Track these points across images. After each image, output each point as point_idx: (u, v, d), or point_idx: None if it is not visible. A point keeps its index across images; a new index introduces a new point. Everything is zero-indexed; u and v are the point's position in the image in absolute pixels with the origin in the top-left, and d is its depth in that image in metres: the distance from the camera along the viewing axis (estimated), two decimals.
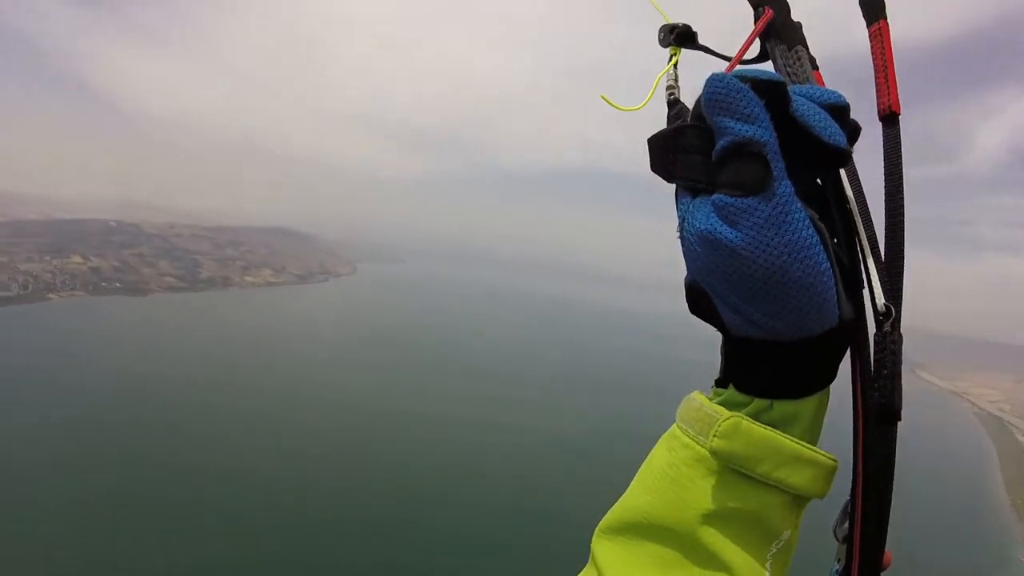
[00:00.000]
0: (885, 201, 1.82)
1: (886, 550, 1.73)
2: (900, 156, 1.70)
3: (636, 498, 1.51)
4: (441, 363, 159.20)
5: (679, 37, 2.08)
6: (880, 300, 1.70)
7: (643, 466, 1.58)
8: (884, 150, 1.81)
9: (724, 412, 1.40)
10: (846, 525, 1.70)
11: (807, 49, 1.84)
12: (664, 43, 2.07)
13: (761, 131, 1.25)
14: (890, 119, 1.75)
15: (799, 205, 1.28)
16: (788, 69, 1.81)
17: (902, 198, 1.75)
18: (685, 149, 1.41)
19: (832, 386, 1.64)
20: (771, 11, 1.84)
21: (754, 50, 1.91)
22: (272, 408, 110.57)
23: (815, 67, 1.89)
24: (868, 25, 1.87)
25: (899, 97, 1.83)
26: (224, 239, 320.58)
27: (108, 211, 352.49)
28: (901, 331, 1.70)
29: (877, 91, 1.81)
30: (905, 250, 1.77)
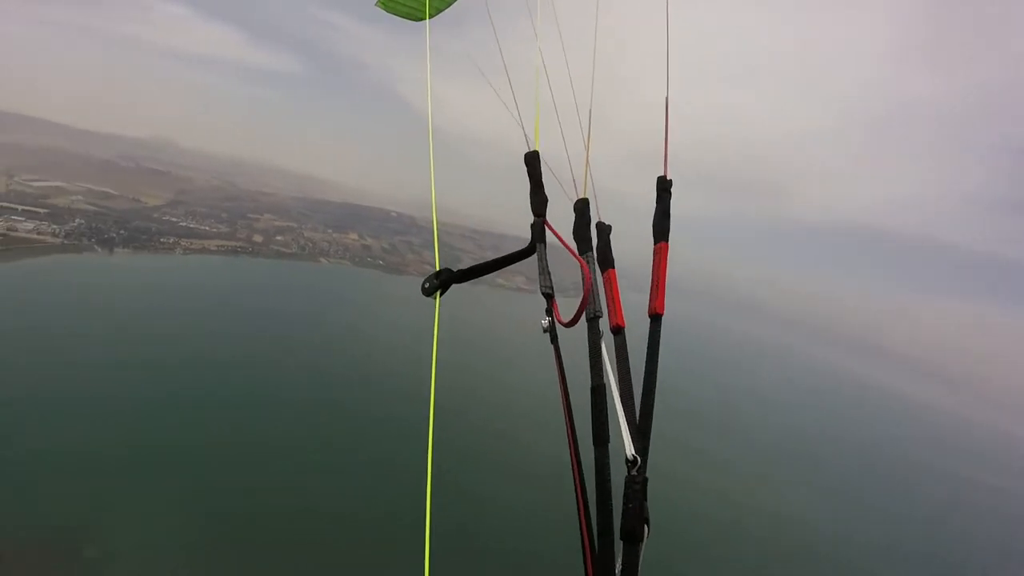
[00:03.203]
0: (645, 372, 3.45)
1: None
2: (659, 343, 3.51)
3: None
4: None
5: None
6: (630, 452, 3.04)
7: None
8: (649, 338, 3.61)
9: None
10: None
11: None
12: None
13: None
14: (655, 318, 3.61)
15: None
16: None
17: (656, 371, 3.39)
18: None
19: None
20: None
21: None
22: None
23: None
24: (655, 242, 3.93)
25: (664, 303, 3.65)
26: (488, 243, 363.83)
27: (394, 204, 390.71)
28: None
29: (652, 294, 3.67)
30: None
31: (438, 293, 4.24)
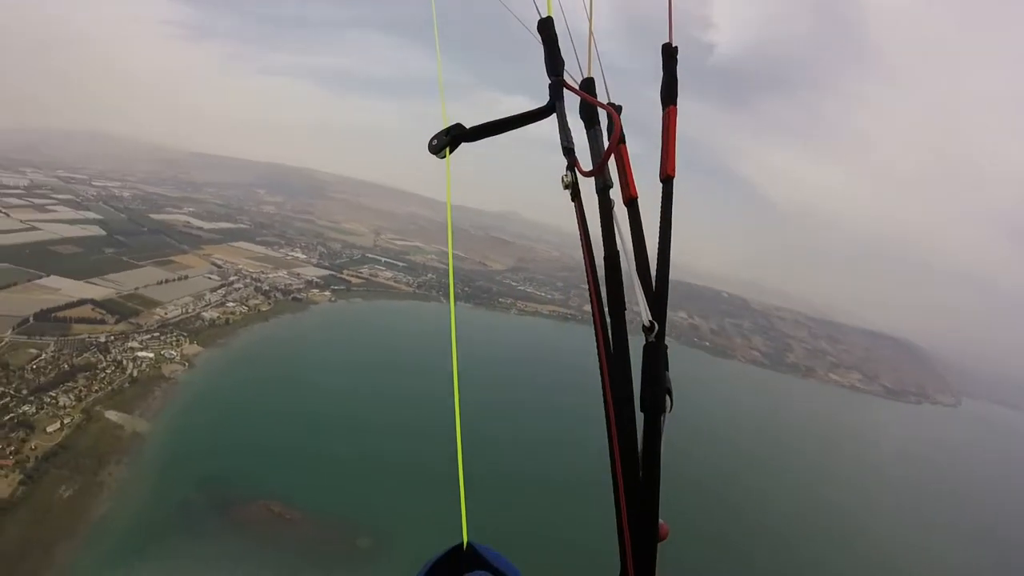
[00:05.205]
0: (659, 239, 3.40)
1: (662, 523, 2.75)
2: (671, 209, 3.41)
3: None
4: None
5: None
6: (647, 318, 3.04)
7: None
8: (661, 203, 3.48)
9: None
10: None
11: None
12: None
13: None
14: (667, 181, 3.49)
15: None
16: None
17: (670, 238, 3.35)
18: None
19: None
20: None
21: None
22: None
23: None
24: (663, 108, 3.69)
25: (675, 164, 3.51)
26: (823, 332, 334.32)
27: (727, 285, 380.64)
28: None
29: (662, 158, 3.55)
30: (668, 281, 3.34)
31: (447, 150, 3.95)
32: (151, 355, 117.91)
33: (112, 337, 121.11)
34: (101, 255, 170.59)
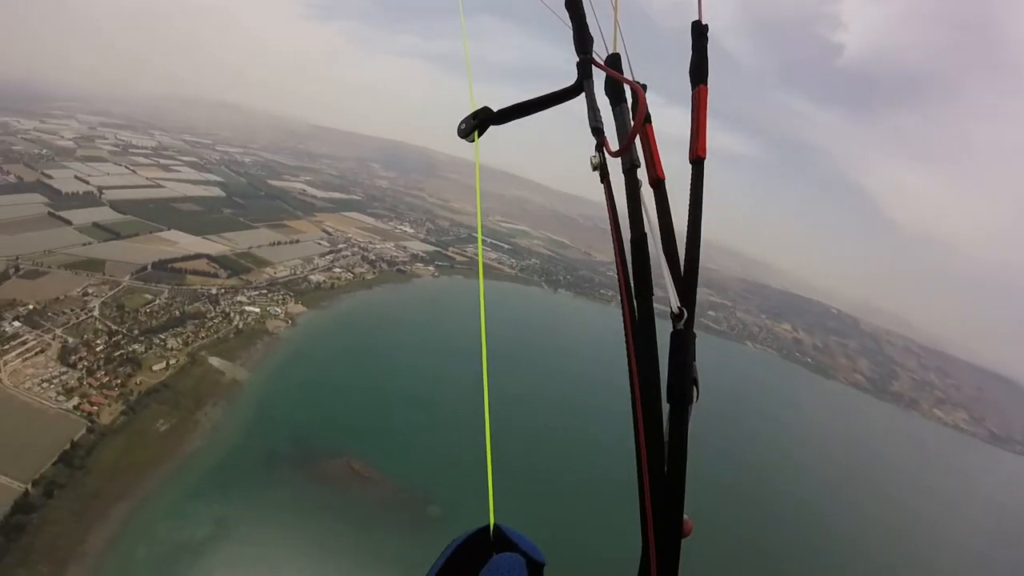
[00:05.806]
0: (688, 223, 3.14)
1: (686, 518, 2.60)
2: (702, 191, 3.18)
3: None
4: None
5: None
6: (675, 304, 2.91)
7: None
8: (691, 185, 3.24)
9: None
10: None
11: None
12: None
13: None
14: (698, 162, 3.29)
15: None
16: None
17: (700, 222, 3.11)
18: None
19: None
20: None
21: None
22: None
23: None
24: (692, 87, 3.52)
25: (707, 145, 3.29)
26: (933, 363, 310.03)
27: (837, 301, 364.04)
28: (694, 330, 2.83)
29: (692, 139, 3.33)
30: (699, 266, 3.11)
31: (476, 134, 3.88)
32: (257, 310, 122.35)
33: (223, 290, 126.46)
34: (219, 214, 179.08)
